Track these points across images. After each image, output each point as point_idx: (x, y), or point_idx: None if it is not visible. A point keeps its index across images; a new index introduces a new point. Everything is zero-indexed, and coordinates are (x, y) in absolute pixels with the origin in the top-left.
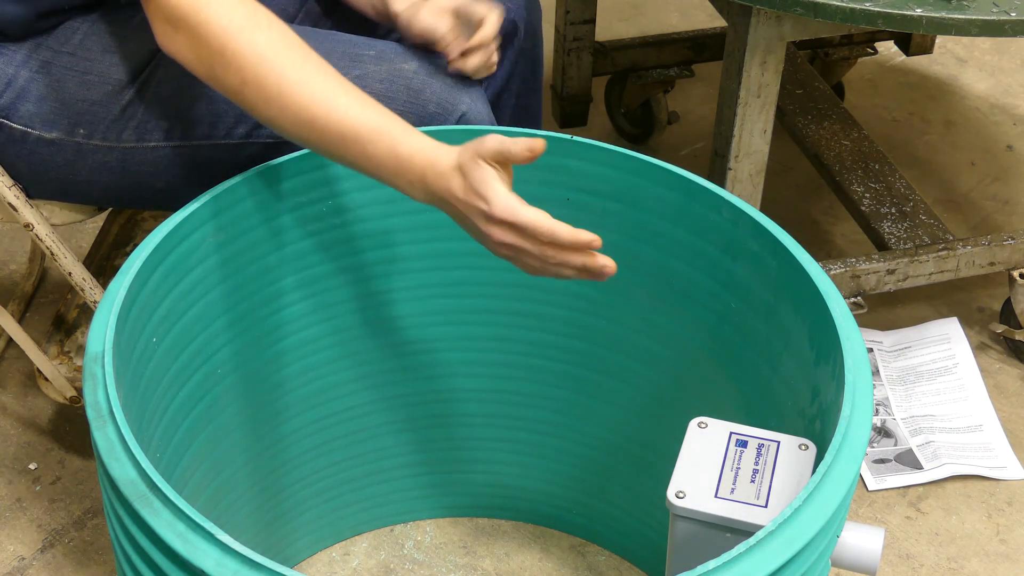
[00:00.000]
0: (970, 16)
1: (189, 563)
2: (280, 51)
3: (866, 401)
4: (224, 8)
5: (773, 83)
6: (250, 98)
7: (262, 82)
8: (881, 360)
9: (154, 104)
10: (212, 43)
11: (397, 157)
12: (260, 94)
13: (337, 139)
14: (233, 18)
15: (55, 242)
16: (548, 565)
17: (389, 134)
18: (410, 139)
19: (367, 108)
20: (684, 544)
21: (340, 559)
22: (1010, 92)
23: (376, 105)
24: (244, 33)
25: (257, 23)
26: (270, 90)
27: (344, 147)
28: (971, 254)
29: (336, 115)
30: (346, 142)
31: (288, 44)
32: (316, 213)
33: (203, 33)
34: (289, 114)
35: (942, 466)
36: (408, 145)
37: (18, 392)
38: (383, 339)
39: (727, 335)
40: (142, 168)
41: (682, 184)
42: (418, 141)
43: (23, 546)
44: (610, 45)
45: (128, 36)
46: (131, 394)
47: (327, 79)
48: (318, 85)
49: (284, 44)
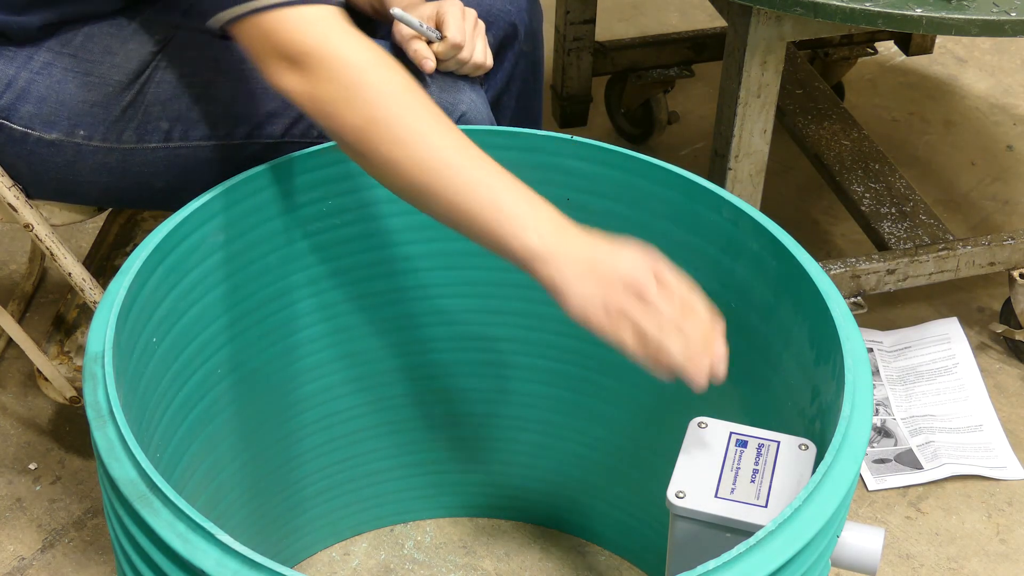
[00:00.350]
0: (970, 16)
1: (189, 563)
2: (410, 94)
3: (866, 401)
4: (354, 46)
5: (773, 83)
6: (374, 137)
7: (392, 122)
8: (881, 360)
9: (154, 105)
10: (341, 79)
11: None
12: (388, 133)
13: (457, 197)
14: (363, 56)
15: (55, 242)
16: (548, 565)
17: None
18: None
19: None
20: (684, 544)
21: (340, 559)
22: (1010, 92)
23: (505, 174)
24: (376, 71)
25: (387, 63)
26: (398, 131)
27: (460, 209)
28: (971, 254)
29: (463, 174)
30: (468, 204)
31: (416, 88)
32: (316, 213)
33: (330, 68)
34: (414, 160)
35: (942, 466)
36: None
37: (18, 392)
38: (383, 339)
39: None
40: (142, 169)
41: (682, 184)
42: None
43: (23, 546)
44: (610, 45)
45: (129, 38)
46: (131, 394)
47: (455, 131)
48: (450, 137)
49: (413, 87)
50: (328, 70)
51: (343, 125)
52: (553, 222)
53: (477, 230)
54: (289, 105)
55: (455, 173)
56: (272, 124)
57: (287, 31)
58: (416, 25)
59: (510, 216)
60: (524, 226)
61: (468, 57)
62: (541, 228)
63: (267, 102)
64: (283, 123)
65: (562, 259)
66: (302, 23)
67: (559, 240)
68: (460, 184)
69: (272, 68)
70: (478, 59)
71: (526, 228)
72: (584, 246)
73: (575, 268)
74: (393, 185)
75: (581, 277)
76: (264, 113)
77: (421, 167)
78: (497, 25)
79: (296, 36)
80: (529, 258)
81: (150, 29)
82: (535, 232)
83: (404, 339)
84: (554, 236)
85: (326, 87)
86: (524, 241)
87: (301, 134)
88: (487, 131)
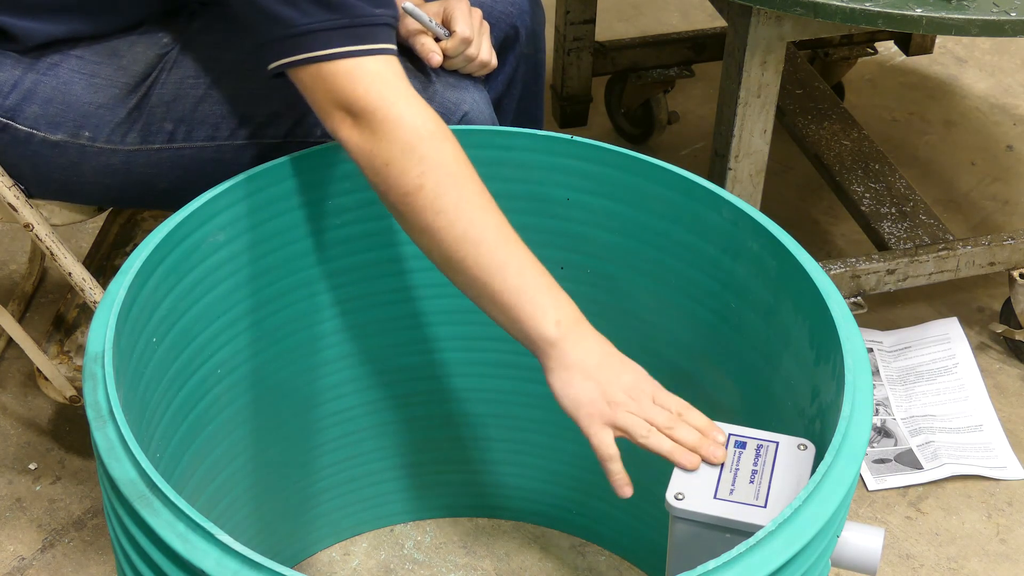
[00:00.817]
0: (970, 16)
1: (189, 563)
2: (461, 167)
3: (866, 401)
4: (415, 109)
5: (773, 83)
6: (420, 203)
7: (442, 190)
8: (881, 360)
9: (159, 107)
10: (399, 141)
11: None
12: (434, 202)
13: (485, 273)
14: (425, 123)
15: (55, 242)
16: (548, 565)
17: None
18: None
19: (535, 267)
20: (684, 545)
21: (340, 559)
22: (1010, 92)
23: (537, 266)
24: (436, 140)
25: (447, 134)
26: (444, 202)
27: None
28: (971, 254)
29: (497, 253)
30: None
31: (466, 162)
32: (316, 212)
33: (391, 130)
34: (453, 232)
35: (942, 466)
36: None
37: (18, 392)
38: (383, 339)
39: (727, 335)
40: (146, 170)
41: (682, 184)
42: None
43: (23, 546)
44: (610, 45)
45: (135, 40)
46: (131, 394)
47: (496, 211)
48: (491, 216)
49: (464, 161)
50: (389, 131)
51: (393, 186)
52: (574, 316)
53: (498, 309)
54: (291, 106)
55: (489, 251)
56: (275, 125)
57: (349, 84)
58: (426, 21)
59: (532, 300)
60: (544, 314)
61: (476, 54)
62: (561, 318)
63: (269, 103)
64: (286, 124)
65: (573, 350)
66: (365, 77)
67: (575, 333)
68: (491, 262)
69: (333, 118)
70: (484, 57)
71: (546, 316)
72: (597, 343)
73: (585, 360)
74: (427, 249)
75: (587, 370)
76: (267, 114)
77: (458, 239)
78: (499, 27)
79: (359, 91)
80: (544, 345)
81: (157, 32)
82: (554, 321)
83: (404, 339)
84: (571, 329)
85: (385, 147)
86: (542, 329)
87: (304, 135)
88: (488, 131)
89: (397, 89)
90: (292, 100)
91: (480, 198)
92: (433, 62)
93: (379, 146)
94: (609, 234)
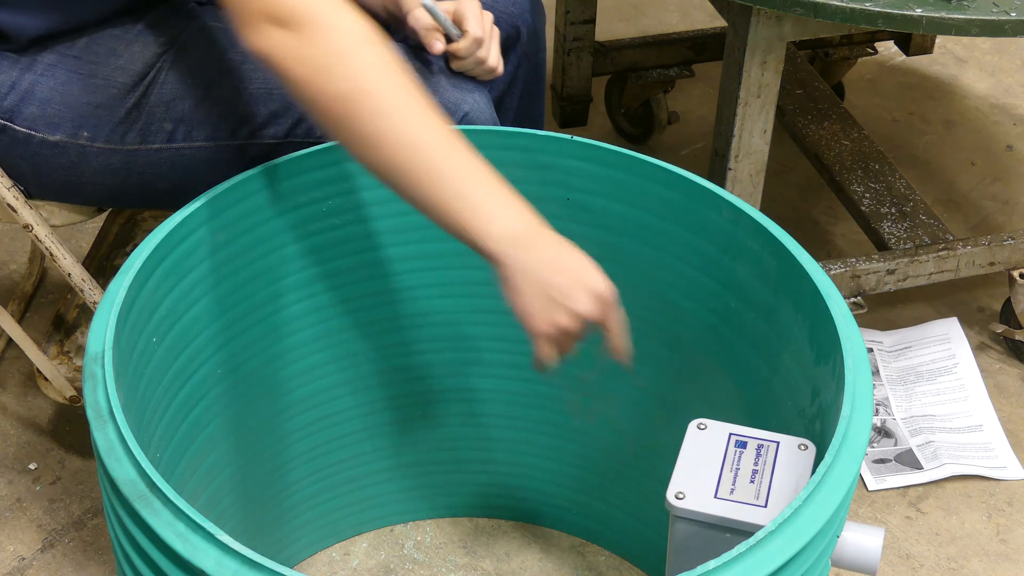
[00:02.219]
0: (970, 16)
1: (189, 563)
2: (398, 72)
3: (866, 401)
4: (348, 16)
5: (773, 83)
6: (356, 109)
7: (377, 95)
8: (881, 360)
9: (158, 107)
10: (331, 46)
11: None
12: (372, 105)
13: (429, 177)
14: (357, 28)
15: (54, 243)
16: (548, 565)
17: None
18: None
19: (480, 167)
20: (684, 544)
21: (340, 559)
22: (1010, 92)
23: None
24: (368, 45)
25: (380, 39)
26: (383, 104)
27: (429, 186)
28: (971, 254)
29: (439, 155)
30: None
31: (404, 67)
32: (315, 213)
33: (321, 34)
34: (394, 135)
35: (942, 466)
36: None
37: (18, 392)
38: (383, 339)
39: (727, 335)
40: (145, 170)
41: (682, 184)
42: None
43: (23, 546)
44: (610, 45)
45: (133, 40)
46: (131, 394)
47: (436, 112)
48: (431, 117)
49: (401, 66)
50: (319, 35)
51: (325, 93)
52: (523, 221)
53: (445, 216)
54: (291, 106)
55: (433, 156)
56: (274, 125)
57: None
58: (442, 19)
59: (479, 207)
60: (492, 222)
61: (486, 56)
62: (509, 224)
63: (270, 103)
64: (285, 124)
65: (521, 258)
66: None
67: (524, 239)
68: (435, 167)
69: (255, 28)
70: (492, 62)
71: (492, 224)
72: (545, 246)
73: (529, 267)
74: (368, 159)
75: (533, 278)
76: (267, 114)
77: (401, 143)
78: (500, 27)
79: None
80: (493, 254)
81: (155, 31)
82: (501, 228)
83: (404, 339)
84: (521, 235)
85: (313, 51)
86: (487, 240)
87: (304, 135)
88: (488, 131)
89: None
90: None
91: (419, 101)
92: (435, 49)
93: (307, 51)
94: (609, 234)
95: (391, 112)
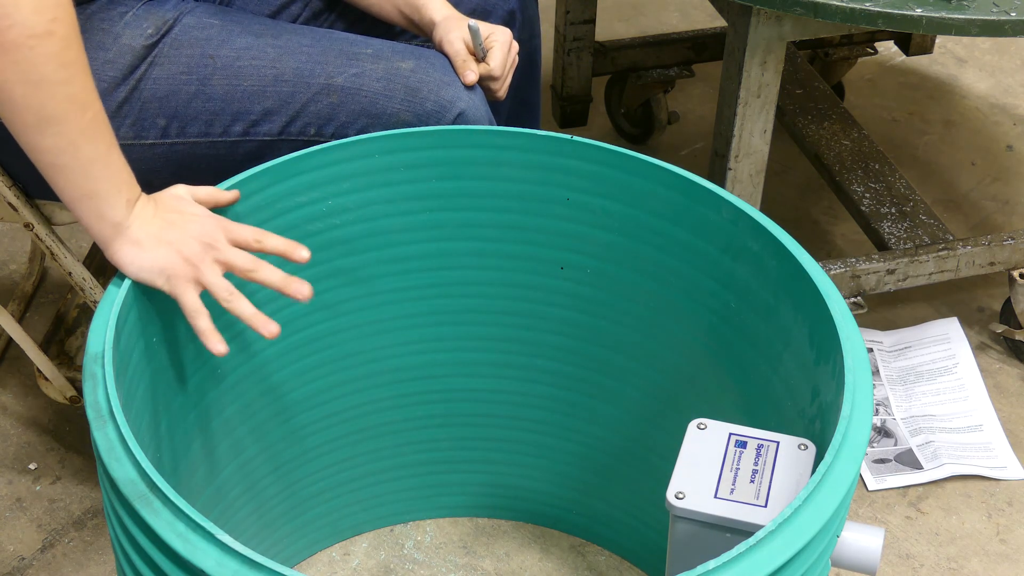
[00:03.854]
0: (970, 16)
1: (189, 563)
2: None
3: (866, 401)
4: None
5: (773, 83)
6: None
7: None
8: (881, 360)
9: (151, 102)
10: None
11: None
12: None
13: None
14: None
15: (55, 242)
16: (548, 565)
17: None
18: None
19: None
20: (684, 544)
21: (340, 559)
22: (1010, 92)
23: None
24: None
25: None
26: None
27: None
28: (971, 254)
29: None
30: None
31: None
32: (316, 213)
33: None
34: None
35: (942, 466)
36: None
37: (18, 392)
38: (383, 339)
39: (727, 335)
40: (139, 165)
41: (682, 184)
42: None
43: (23, 546)
44: (610, 45)
45: (121, 32)
46: (131, 394)
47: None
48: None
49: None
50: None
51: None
52: (138, 194)
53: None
54: (286, 103)
55: (91, 121)
56: (268, 122)
57: None
58: (478, 45)
59: (113, 181)
60: (119, 196)
61: (498, 89)
62: (131, 197)
63: (263, 100)
64: (279, 121)
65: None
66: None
67: (141, 211)
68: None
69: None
70: (500, 94)
71: (119, 198)
72: (155, 212)
73: (150, 229)
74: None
75: (157, 237)
76: (260, 111)
77: (70, 97)
78: (495, 14)
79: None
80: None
81: (141, 23)
82: (126, 201)
83: (404, 339)
84: (139, 207)
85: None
86: (115, 212)
87: (298, 133)
88: (487, 131)
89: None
90: (286, 97)
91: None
92: (467, 80)
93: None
94: (609, 234)
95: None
